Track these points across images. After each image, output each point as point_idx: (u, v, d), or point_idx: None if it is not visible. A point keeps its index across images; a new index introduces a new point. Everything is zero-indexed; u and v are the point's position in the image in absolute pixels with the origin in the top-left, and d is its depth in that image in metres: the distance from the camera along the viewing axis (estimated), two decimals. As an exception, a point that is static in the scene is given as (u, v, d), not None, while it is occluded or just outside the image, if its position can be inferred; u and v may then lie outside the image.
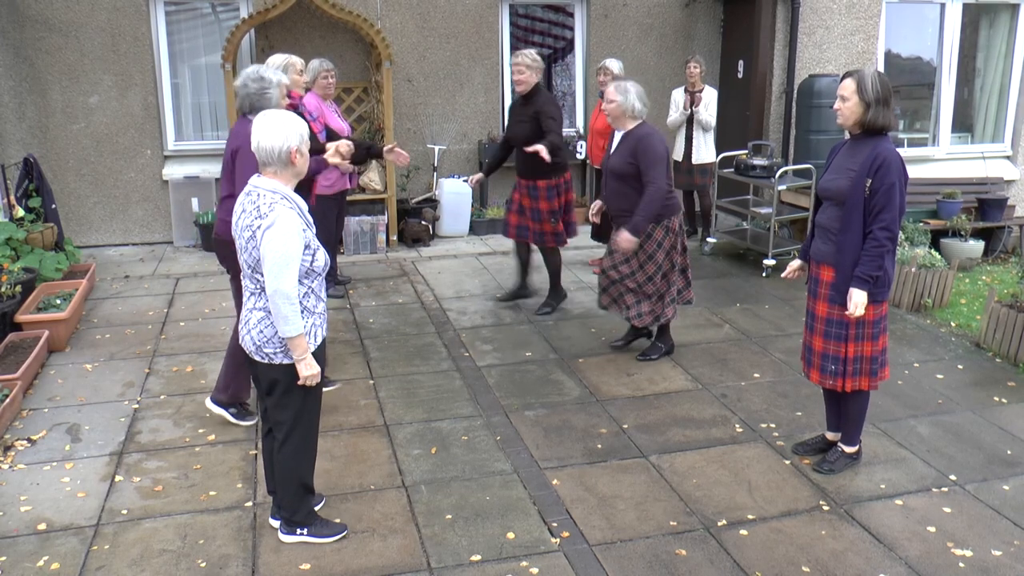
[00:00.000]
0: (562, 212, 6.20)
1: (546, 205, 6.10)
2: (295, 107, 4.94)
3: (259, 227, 3.12)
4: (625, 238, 5.05)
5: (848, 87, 3.75)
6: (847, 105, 3.77)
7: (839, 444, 4.22)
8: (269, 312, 3.26)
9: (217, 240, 4.40)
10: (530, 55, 5.95)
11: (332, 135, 5.59)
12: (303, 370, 3.27)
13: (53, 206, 7.21)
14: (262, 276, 3.21)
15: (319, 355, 3.39)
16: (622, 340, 5.70)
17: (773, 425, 4.64)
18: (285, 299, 3.14)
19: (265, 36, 8.15)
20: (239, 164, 4.11)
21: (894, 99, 3.76)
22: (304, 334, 3.23)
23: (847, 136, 3.96)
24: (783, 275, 4.31)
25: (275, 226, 3.10)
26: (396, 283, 7.17)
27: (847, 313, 3.83)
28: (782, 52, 8.53)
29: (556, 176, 6.06)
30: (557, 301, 6.46)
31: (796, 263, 4.26)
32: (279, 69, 4.86)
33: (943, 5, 9.04)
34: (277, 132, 3.16)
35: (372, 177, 8.12)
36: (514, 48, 9.05)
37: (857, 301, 3.79)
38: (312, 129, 4.88)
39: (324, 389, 4.48)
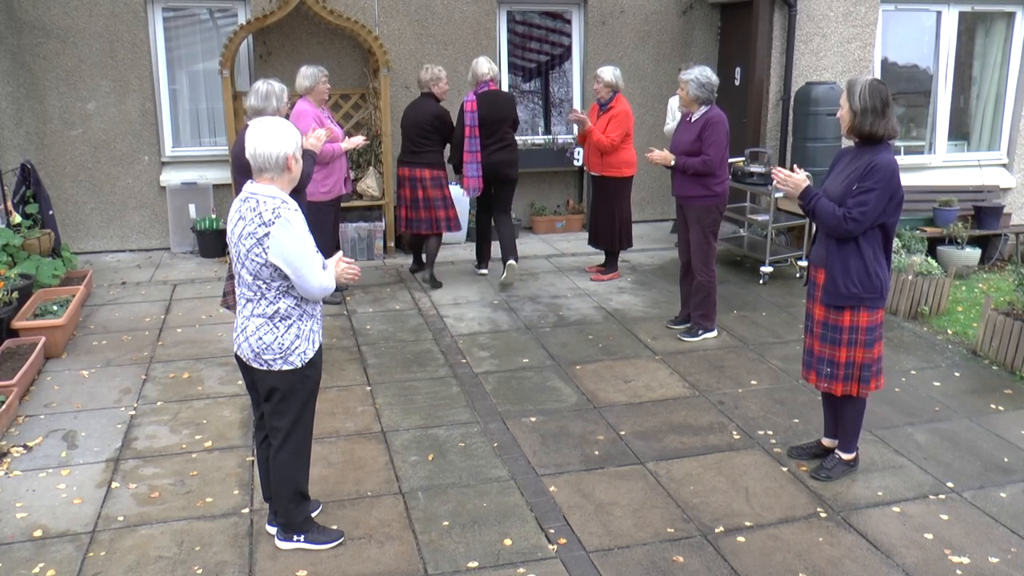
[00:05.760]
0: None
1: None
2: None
3: (266, 235, 3.12)
4: None
5: (843, 94, 3.88)
6: (841, 112, 3.90)
7: (836, 451, 4.22)
8: (267, 319, 3.26)
9: None
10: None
11: None
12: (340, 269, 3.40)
13: (50, 212, 7.20)
14: (263, 283, 3.21)
15: (316, 361, 3.39)
16: None
17: (770, 432, 4.64)
18: (319, 285, 3.22)
19: (263, 42, 8.16)
20: None
21: (892, 107, 3.79)
22: (333, 276, 3.34)
23: (851, 144, 4.00)
24: None
25: (282, 224, 3.12)
26: (393, 290, 7.17)
27: (776, 183, 3.96)
28: (779, 60, 8.55)
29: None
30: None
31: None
32: None
33: (939, 13, 9.06)
34: (273, 139, 3.17)
35: (370, 184, 8.12)
36: (511, 54, 9.07)
37: (787, 182, 3.91)
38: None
39: None
